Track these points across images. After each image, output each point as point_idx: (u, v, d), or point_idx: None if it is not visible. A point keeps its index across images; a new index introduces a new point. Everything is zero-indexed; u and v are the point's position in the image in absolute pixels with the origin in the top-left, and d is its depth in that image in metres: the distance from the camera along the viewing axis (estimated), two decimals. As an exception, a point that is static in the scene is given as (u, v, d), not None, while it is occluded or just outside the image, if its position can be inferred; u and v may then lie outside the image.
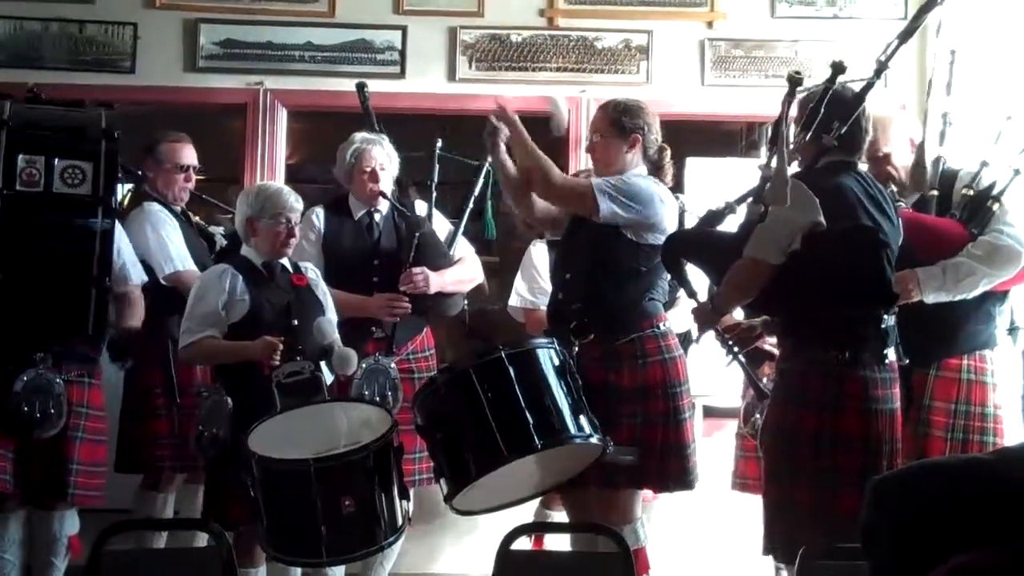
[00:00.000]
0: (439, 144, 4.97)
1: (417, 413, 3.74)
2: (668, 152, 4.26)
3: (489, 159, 4.86)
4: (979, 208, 4.06)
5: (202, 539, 4.16)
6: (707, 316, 3.81)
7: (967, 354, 4.11)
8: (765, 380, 4.12)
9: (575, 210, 4.17)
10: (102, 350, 4.39)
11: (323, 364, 4.10)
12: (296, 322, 4.18)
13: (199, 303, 4.15)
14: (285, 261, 4.32)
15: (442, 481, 3.67)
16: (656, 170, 4.22)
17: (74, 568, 4.38)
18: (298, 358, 4.04)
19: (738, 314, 4.10)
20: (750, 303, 3.77)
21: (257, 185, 4.69)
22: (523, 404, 3.57)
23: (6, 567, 4.40)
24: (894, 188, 4.08)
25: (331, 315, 4.33)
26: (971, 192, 4.10)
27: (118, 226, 4.50)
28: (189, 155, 4.90)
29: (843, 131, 3.59)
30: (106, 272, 4.23)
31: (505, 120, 4.20)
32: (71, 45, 5.92)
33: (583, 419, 3.66)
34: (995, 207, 4.04)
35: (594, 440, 3.68)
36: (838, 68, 3.61)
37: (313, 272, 4.41)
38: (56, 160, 4.14)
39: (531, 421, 3.56)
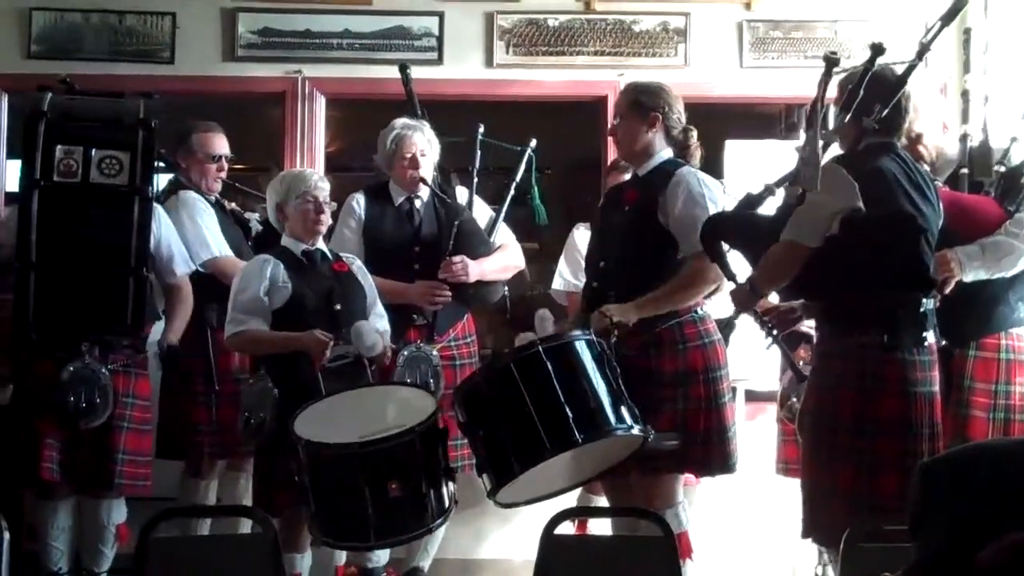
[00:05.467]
0: (480, 130, 4.96)
1: (458, 410, 3.73)
2: (695, 133, 4.21)
3: (532, 143, 4.86)
4: (1013, 184, 4.04)
5: (245, 525, 4.20)
6: (745, 298, 3.81)
7: (1003, 332, 4.09)
8: (801, 363, 4.11)
9: None
10: (144, 339, 4.43)
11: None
12: (339, 307, 4.22)
13: (242, 293, 4.19)
14: (325, 248, 4.35)
15: (484, 476, 3.65)
16: (682, 151, 4.17)
17: (122, 555, 4.45)
18: (342, 342, 4.08)
19: (773, 297, 4.08)
20: (788, 286, 3.76)
21: (281, 172, 4.71)
22: (562, 398, 3.54)
23: (55, 555, 4.47)
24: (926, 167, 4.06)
25: (378, 308, 4.37)
26: (1003, 168, 4.07)
27: (163, 217, 4.55)
28: (221, 145, 4.92)
29: (884, 113, 3.57)
30: (143, 262, 4.26)
31: None
32: (111, 36, 5.93)
33: (623, 409, 3.63)
34: None
35: (635, 431, 3.64)
36: (877, 50, 3.58)
37: (358, 266, 4.42)
38: (93, 151, 4.17)
39: (571, 415, 3.52)
